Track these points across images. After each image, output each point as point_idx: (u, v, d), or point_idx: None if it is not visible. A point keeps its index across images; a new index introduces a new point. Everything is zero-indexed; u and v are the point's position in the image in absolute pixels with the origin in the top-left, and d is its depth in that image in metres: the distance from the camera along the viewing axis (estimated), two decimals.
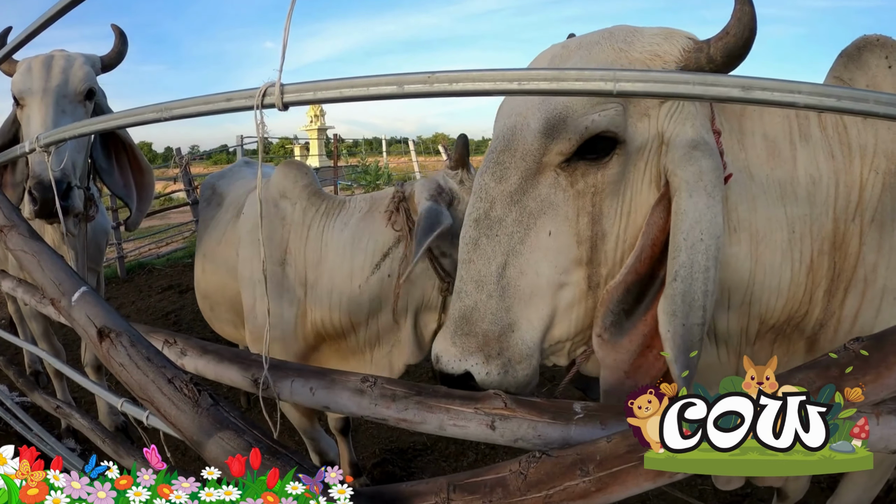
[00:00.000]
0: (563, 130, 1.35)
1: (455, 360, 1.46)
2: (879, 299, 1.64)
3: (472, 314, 1.45)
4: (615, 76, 0.97)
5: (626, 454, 1.02)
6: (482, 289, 1.44)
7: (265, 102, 1.22)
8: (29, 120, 2.95)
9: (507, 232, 1.43)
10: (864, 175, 1.58)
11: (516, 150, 1.42)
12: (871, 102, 0.98)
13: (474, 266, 1.46)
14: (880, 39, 1.70)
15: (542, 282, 1.43)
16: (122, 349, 1.51)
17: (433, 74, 1.03)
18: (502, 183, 1.43)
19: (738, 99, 1.01)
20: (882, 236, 1.59)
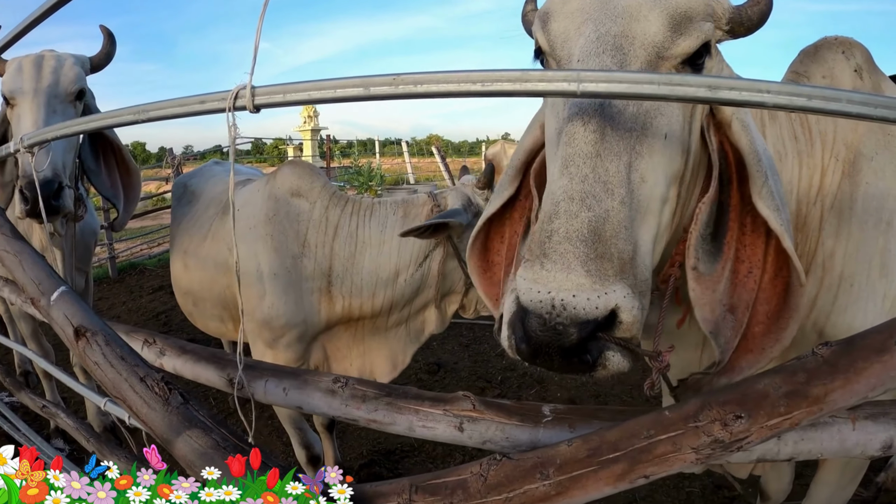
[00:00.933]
0: (689, 27, 1.28)
1: (595, 294, 1.08)
2: (837, 286, 1.69)
3: (605, 227, 1.13)
4: (579, 77, 0.97)
5: (587, 458, 1.03)
6: (613, 193, 1.16)
7: (237, 105, 1.23)
8: (19, 119, 2.95)
9: (628, 126, 1.22)
10: (825, 160, 1.65)
11: (635, 38, 1.26)
12: (843, 102, 0.96)
13: (602, 163, 1.18)
14: (838, 38, 1.80)
15: (657, 192, 1.25)
16: (97, 348, 1.52)
17: (398, 76, 1.03)
18: (624, 69, 1.24)
19: (705, 99, 1.00)
20: (840, 223, 1.64)
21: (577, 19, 1.33)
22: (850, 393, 1.02)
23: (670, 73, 1.03)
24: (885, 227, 1.67)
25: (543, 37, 1.40)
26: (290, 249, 3.04)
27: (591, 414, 1.24)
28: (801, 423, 1.01)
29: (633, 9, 1.28)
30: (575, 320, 1.06)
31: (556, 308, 1.07)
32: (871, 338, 1.04)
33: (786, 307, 1.37)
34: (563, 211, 1.14)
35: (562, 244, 1.11)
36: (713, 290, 1.36)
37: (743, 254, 1.40)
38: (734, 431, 0.98)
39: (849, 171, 1.65)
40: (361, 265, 3.01)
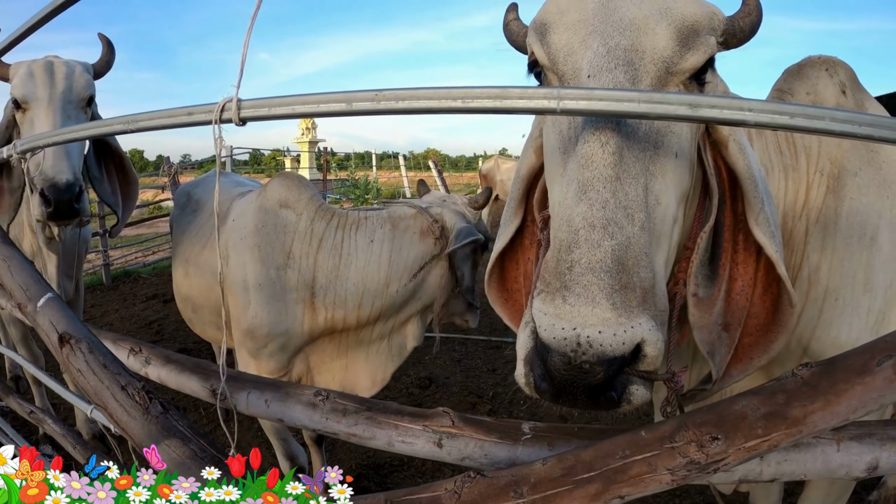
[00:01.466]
0: (696, 41, 1.26)
1: (622, 329, 1.02)
2: (822, 300, 1.70)
3: (627, 255, 1.08)
4: (559, 94, 0.97)
5: (561, 477, 1.02)
6: (633, 219, 1.10)
7: (223, 117, 1.23)
8: (33, 124, 2.97)
9: (642, 146, 1.17)
10: (810, 175, 1.66)
11: (644, 52, 1.23)
12: (826, 120, 0.94)
13: (622, 187, 1.12)
14: (822, 57, 1.82)
15: (669, 214, 1.21)
16: (80, 355, 1.52)
17: (380, 92, 1.04)
18: (637, 85, 1.20)
19: (686, 117, 0.99)
20: (825, 237, 1.65)
21: (581, 31, 1.29)
22: (830, 415, 1.01)
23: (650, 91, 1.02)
24: (868, 242, 1.68)
25: (542, 50, 1.37)
26: (275, 260, 3.06)
27: (572, 433, 1.23)
28: (779, 446, 1.00)
29: (640, 21, 1.25)
30: (602, 357, 1.00)
31: (583, 346, 1.01)
32: (852, 359, 1.04)
33: (775, 322, 1.38)
34: (584, 240, 1.08)
35: (585, 276, 1.05)
36: (711, 312, 1.36)
37: (736, 272, 1.41)
38: (710, 453, 0.98)
39: (833, 185, 1.66)
40: (346, 277, 3.02)
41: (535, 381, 1.08)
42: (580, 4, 1.32)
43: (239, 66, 1.22)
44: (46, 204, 2.81)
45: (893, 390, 1.00)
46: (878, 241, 1.68)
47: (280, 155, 31.02)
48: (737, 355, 1.39)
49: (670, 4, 1.27)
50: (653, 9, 1.26)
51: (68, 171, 2.81)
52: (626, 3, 1.28)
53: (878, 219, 1.68)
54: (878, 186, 1.70)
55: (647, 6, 1.26)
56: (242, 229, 3.13)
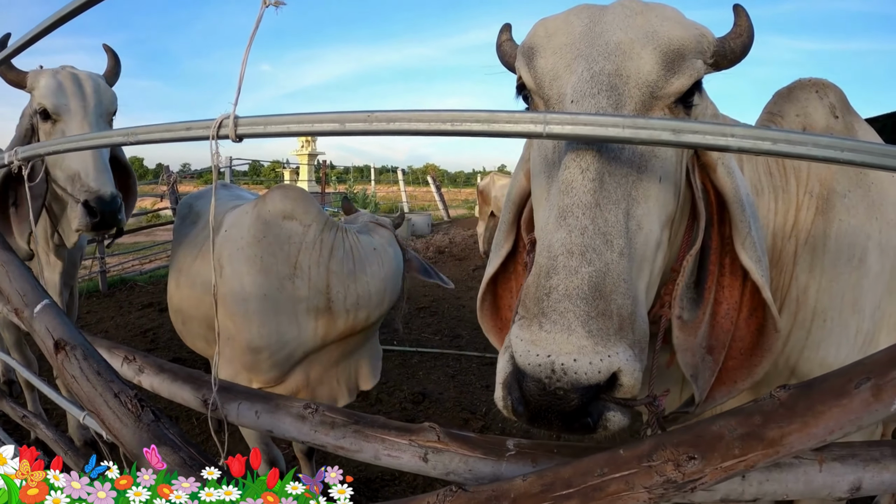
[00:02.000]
0: (682, 65, 1.27)
1: (598, 357, 1.02)
2: (810, 321, 1.71)
3: (605, 282, 1.07)
4: (545, 119, 0.99)
5: (540, 493, 1.04)
6: (612, 245, 1.10)
7: (220, 133, 1.26)
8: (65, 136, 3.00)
9: (624, 172, 1.17)
10: (799, 196, 1.68)
11: (629, 77, 1.24)
12: (808, 146, 0.96)
13: (602, 213, 1.12)
14: (812, 80, 1.85)
15: (652, 239, 1.21)
16: (75, 362, 1.54)
17: (372, 114, 1.07)
18: (620, 110, 1.22)
19: (669, 142, 1.01)
20: (814, 259, 1.67)
21: (567, 56, 1.31)
22: (807, 436, 1.02)
23: (634, 116, 1.03)
24: (857, 264, 1.70)
25: (528, 74, 1.39)
26: (278, 271, 3.08)
27: (555, 450, 1.25)
28: (756, 466, 1.02)
29: (626, 46, 1.26)
30: (576, 385, 1.01)
31: (557, 373, 1.01)
32: (830, 381, 1.06)
33: (759, 347, 1.40)
34: (563, 266, 1.08)
35: (561, 302, 1.05)
36: (695, 335, 1.37)
37: (721, 296, 1.43)
38: (687, 472, 1.00)
39: (822, 207, 1.68)
40: (366, 280, 3.20)
41: (513, 405, 1.08)
42: (567, 28, 1.35)
43: (237, 81, 1.25)
44: (91, 215, 2.94)
45: (871, 413, 1.02)
46: (867, 263, 1.70)
47: (279, 167, 31.07)
48: (720, 378, 1.40)
49: (657, 28, 1.29)
50: (639, 33, 1.28)
51: (110, 184, 2.97)
52: (612, 27, 1.30)
53: (866, 240, 1.70)
54: (867, 208, 1.72)
55: (634, 30, 1.28)
56: (238, 240, 3.14)
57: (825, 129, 1.81)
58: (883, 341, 1.76)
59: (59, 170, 3.06)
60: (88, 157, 2.96)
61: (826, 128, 1.81)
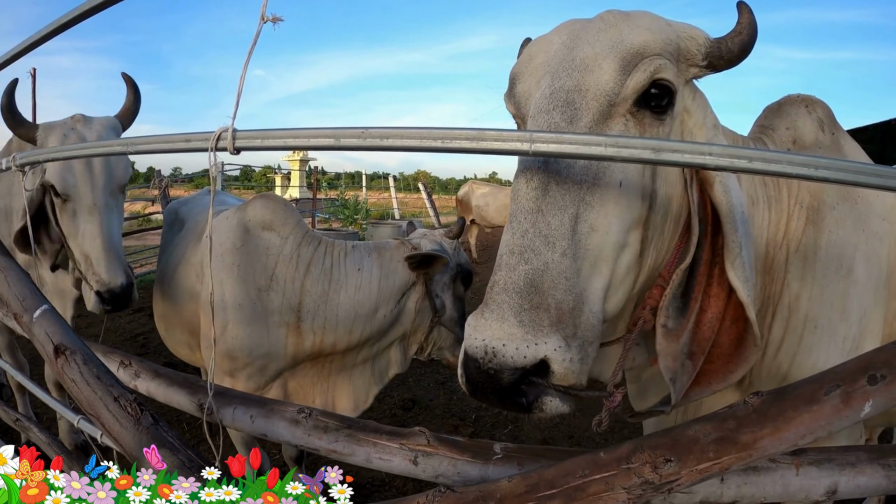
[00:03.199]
0: (639, 63, 1.31)
1: (524, 344, 1.13)
2: (802, 327, 1.76)
3: (543, 279, 1.18)
4: (531, 137, 1.04)
5: (525, 493, 1.09)
6: (553, 246, 1.20)
7: (219, 146, 1.29)
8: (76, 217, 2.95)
9: (577, 179, 1.25)
10: (790, 206, 1.73)
11: (588, 90, 1.30)
12: (783, 164, 1.00)
13: (543, 218, 1.22)
14: (801, 95, 1.90)
15: (610, 240, 1.28)
16: (75, 366, 1.57)
17: (366, 130, 1.11)
18: (573, 124, 1.28)
19: (650, 160, 1.05)
20: (805, 267, 1.72)
21: (539, 74, 1.38)
22: (779, 440, 1.07)
23: (616, 136, 1.08)
24: (845, 273, 1.75)
25: (510, 101, 1.46)
26: (256, 281, 3.06)
27: (540, 453, 1.30)
28: (730, 468, 1.07)
29: (590, 59, 1.32)
30: (504, 367, 1.12)
31: (488, 354, 1.13)
32: (801, 388, 1.10)
33: (738, 356, 1.45)
34: (505, 264, 1.21)
35: (500, 295, 1.17)
36: (677, 341, 1.42)
37: (707, 304, 1.47)
38: (664, 474, 1.05)
39: (813, 218, 1.73)
40: (336, 302, 3.09)
41: (464, 381, 1.21)
42: (546, 47, 1.42)
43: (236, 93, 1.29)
44: (104, 303, 2.93)
45: (840, 418, 1.07)
46: (854, 273, 1.76)
47: (270, 172, 31.08)
48: (697, 379, 1.47)
49: (624, 37, 1.33)
50: (605, 45, 1.33)
51: (121, 274, 2.93)
52: (584, 42, 1.35)
53: (853, 251, 1.76)
54: (854, 220, 1.78)
55: (602, 43, 1.33)
56: (218, 246, 3.12)
57: (814, 141, 1.86)
58: (867, 347, 1.81)
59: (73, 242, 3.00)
60: (99, 243, 2.92)
61: (815, 140, 1.86)
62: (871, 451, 1.25)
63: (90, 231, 2.91)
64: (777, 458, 1.23)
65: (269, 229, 3.15)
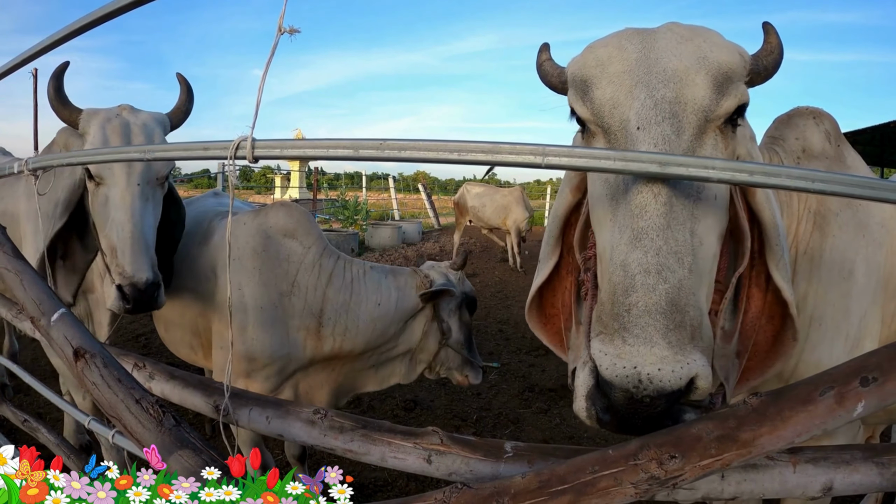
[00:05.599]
0: (730, 87, 1.38)
1: (679, 366, 1.15)
2: (808, 325, 1.86)
3: (680, 296, 1.19)
4: (544, 151, 1.10)
5: (538, 489, 1.14)
6: (683, 262, 1.22)
7: (237, 154, 1.34)
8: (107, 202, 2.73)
9: (689, 193, 1.29)
10: (800, 211, 1.85)
11: (687, 104, 1.34)
12: (783, 177, 1.06)
13: (672, 234, 1.23)
14: (809, 108, 2.03)
15: (710, 253, 1.33)
16: (95, 369, 1.61)
17: (384, 142, 1.16)
18: (681, 136, 1.32)
19: (656, 174, 1.11)
20: (812, 268, 1.83)
21: (627, 83, 1.38)
22: (777, 438, 1.12)
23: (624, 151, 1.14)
24: (847, 275, 1.86)
25: (584, 106, 1.45)
26: (277, 286, 3.18)
27: (550, 452, 1.35)
28: (731, 465, 1.11)
29: (682, 72, 1.35)
30: (661, 392, 1.13)
31: (643, 382, 1.13)
32: (797, 389, 1.15)
33: (775, 351, 1.55)
34: (641, 284, 1.19)
35: (642, 318, 1.17)
36: (731, 342, 1.51)
37: (749, 305, 1.56)
38: (669, 470, 1.10)
39: (819, 223, 1.85)
40: (357, 313, 3.30)
41: (598, 414, 1.20)
42: (622, 55, 1.42)
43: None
44: (124, 300, 2.66)
45: (834, 418, 1.12)
46: (855, 275, 1.87)
47: (270, 172, 31.01)
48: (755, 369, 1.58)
49: (706, 53, 1.38)
50: (691, 59, 1.37)
51: (147, 269, 2.65)
52: (666, 53, 1.39)
53: (855, 255, 1.87)
54: (855, 227, 1.89)
55: (687, 56, 1.37)
56: (235, 250, 3.20)
57: (821, 152, 1.98)
58: (867, 346, 1.92)
59: (102, 233, 2.78)
60: (127, 231, 2.65)
61: (821, 151, 1.99)
62: (865, 449, 1.30)
63: (119, 218, 2.67)
64: (775, 456, 1.28)
65: (291, 237, 3.28)
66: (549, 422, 5.34)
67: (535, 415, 5.45)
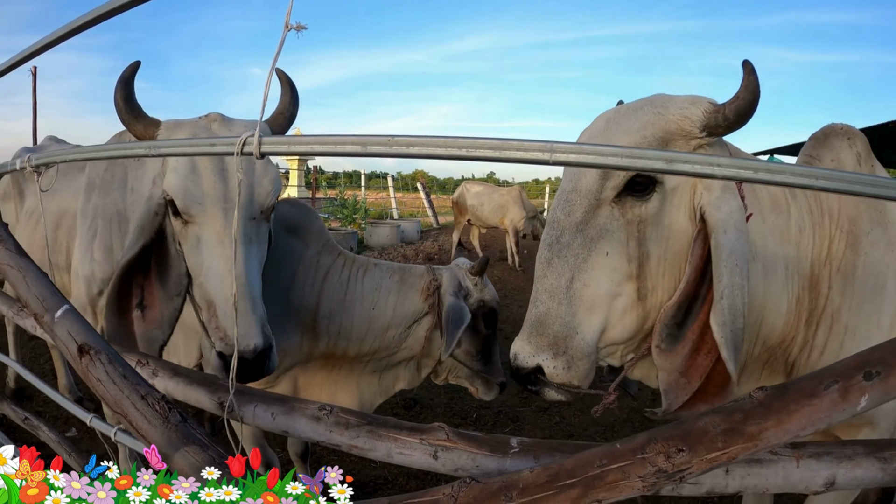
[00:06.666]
0: (612, 171, 1.68)
1: (529, 356, 1.73)
2: (843, 334, 2.00)
3: (545, 318, 1.73)
4: (552, 147, 1.10)
5: (546, 483, 1.15)
6: (553, 298, 1.73)
7: (244, 150, 1.33)
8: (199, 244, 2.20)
9: (573, 253, 1.72)
10: (832, 231, 1.98)
11: (580, 191, 1.73)
12: (786, 174, 1.07)
13: (547, 280, 1.74)
14: (843, 127, 2.18)
15: (601, 292, 1.72)
16: (100, 366, 1.61)
17: (393, 138, 1.15)
18: (570, 216, 1.74)
19: (662, 170, 1.11)
20: (845, 283, 1.99)
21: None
22: (782, 432, 1.13)
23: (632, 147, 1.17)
24: (879, 289, 2.01)
25: None
26: (279, 280, 3.15)
27: (555, 447, 1.35)
28: (737, 458, 1.12)
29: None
30: (520, 366, 1.75)
31: (515, 357, 1.77)
32: (802, 384, 1.16)
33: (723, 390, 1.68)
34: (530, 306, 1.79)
35: (525, 325, 1.78)
36: (671, 362, 1.72)
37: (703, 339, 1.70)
38: (676, 463, 1.11)
39: (851, 241, 1.99)
40: (351, 313, 3.21)
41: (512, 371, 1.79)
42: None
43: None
44: (225, 370, 2.13)
45: (839, 411, 1.13)
46: (886, 288, 2.02)
47: None
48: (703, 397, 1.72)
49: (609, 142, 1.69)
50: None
51: (257, 334, 2.10)
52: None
53: (886, 269, 2.02)
54: (886, 244, 2.03)
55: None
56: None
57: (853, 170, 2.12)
58: None
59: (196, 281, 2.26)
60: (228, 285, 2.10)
61: (853, 170, 2.12)
62: (867, 444, 1.31)
63: (216, 268, 2.14)
64: (779, 450, 1.29)
65: (291, 233, 3.25)
66: (548, 420, 5.35)
67: (534, 413, 5.46)
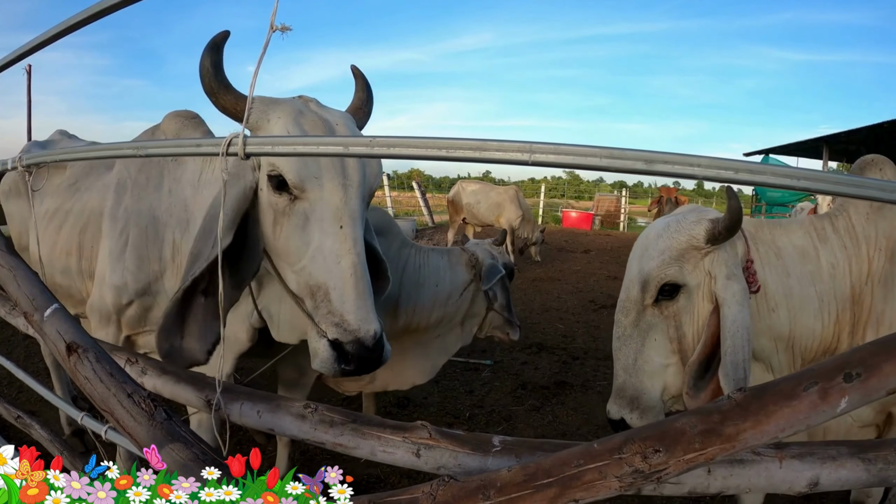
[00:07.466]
0: (648, 286, 2.29)
1: (616, 412, 2.33)
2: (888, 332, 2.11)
3: (623, 386, 2.34)
4: (531, 148, 1.11)
5: (524, 482, 1.15)
6: (626, 372, 2.34)
7: (229, 151, 1.34)
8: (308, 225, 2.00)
9: (633, 342, 2.35)
10: (870, 253, 2.33)
11: (630, 300, 2.35)
12: (767, 174, 1.09)
13: (620, 361, 2.37)
14: (874, 159, 2.45)
15: (656, 365, 2.33)
16: (87, 364, 1.62)
17: (374, 139, 1.16)
18: (627, 317, 2.36)
19: (642, 171, 1.12)
20: (887, 292, 2.29)
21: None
22: (760, 433, 1.13)
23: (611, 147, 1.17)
24: None
25: None
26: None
27: (537, 446, 1.36)
28: (715, 459, 1.13)
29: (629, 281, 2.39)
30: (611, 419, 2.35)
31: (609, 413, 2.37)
32: (781, 385, 1.17)
33: None
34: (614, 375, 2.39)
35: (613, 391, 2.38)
36: (697, 405, 2.09)
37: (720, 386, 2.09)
38: (653, 463, 1.12)
39: (889, 255, 2.30)
40: (424, 292, 3.89)
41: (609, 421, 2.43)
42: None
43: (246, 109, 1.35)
44: (345, 361, 1.93)
45: (818, 413, 1.13)
46: None
47: None
48: None
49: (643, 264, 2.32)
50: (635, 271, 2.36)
51: (373, 319, 1.96)
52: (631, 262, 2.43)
53: None
54: None
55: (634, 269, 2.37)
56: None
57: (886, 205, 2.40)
58: None
59: (288, 265, 2.08)
60: (348, 266, 1.95)
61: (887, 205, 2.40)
62: (851, 445, 1.31)
63: (331, 248, 1.97)
64: (761, 451, 1.30)
65: (381, 235, 3.56)
66: (541, 419, 5.35)
67: (527, 412, 5.46)
